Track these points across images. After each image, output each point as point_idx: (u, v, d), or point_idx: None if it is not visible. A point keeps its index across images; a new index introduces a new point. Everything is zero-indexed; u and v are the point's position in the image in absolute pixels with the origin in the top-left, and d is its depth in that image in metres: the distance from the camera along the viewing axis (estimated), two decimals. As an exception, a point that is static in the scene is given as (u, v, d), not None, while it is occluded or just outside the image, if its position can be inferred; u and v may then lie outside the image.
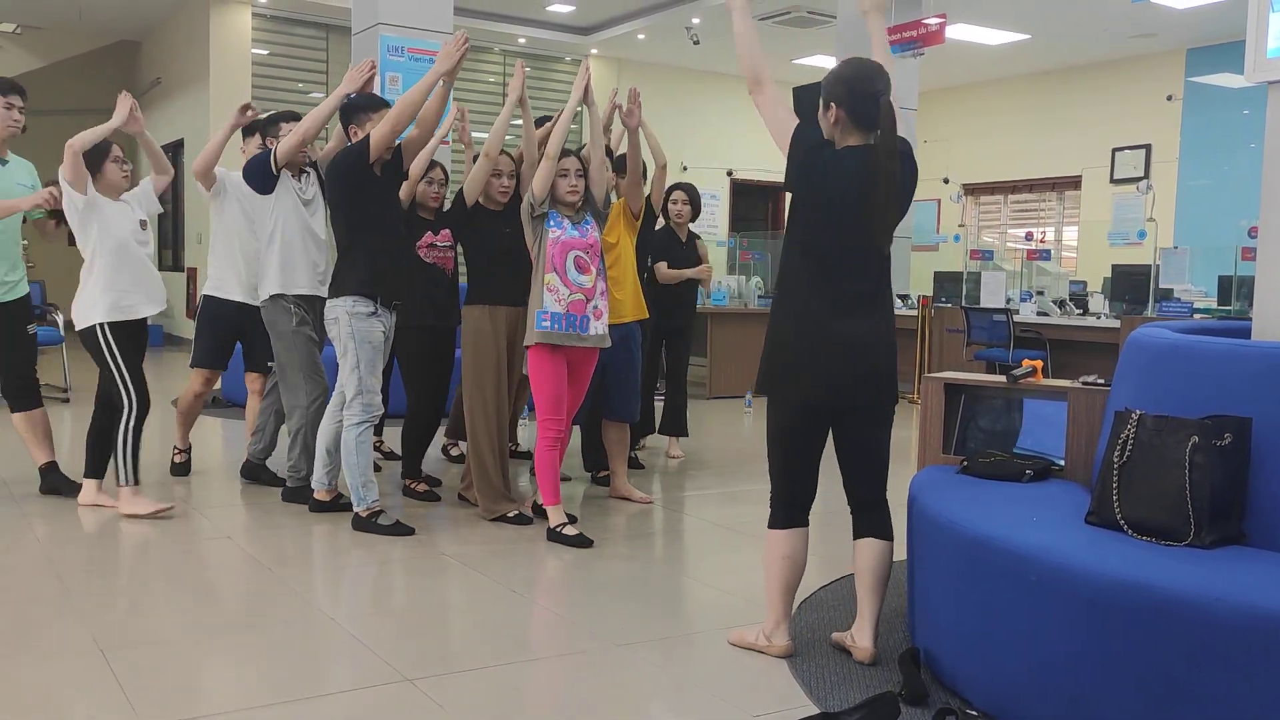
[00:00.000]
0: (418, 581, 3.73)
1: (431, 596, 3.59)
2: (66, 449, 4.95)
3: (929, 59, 9.33)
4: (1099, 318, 8.69)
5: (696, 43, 11.93)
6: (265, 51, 11.73)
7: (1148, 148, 12.14)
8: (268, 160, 4.56)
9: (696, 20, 11.40)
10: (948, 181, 13.93)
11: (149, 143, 4.66)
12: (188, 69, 12.22)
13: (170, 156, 12.55)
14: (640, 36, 12.41)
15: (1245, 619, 2.06)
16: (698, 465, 6.10)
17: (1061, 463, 3.25)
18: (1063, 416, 3.25)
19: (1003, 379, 3.46)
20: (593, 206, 4.32)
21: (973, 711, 2.58)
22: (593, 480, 5.42)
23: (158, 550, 4.01)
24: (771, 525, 3.04)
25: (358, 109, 4.33)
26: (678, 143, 13.93)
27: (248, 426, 5.34)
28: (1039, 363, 3.48)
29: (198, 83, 11.83)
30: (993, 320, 8.48)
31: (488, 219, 4.57)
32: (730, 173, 14.51)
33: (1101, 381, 3.24)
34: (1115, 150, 12.45)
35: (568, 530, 4.19)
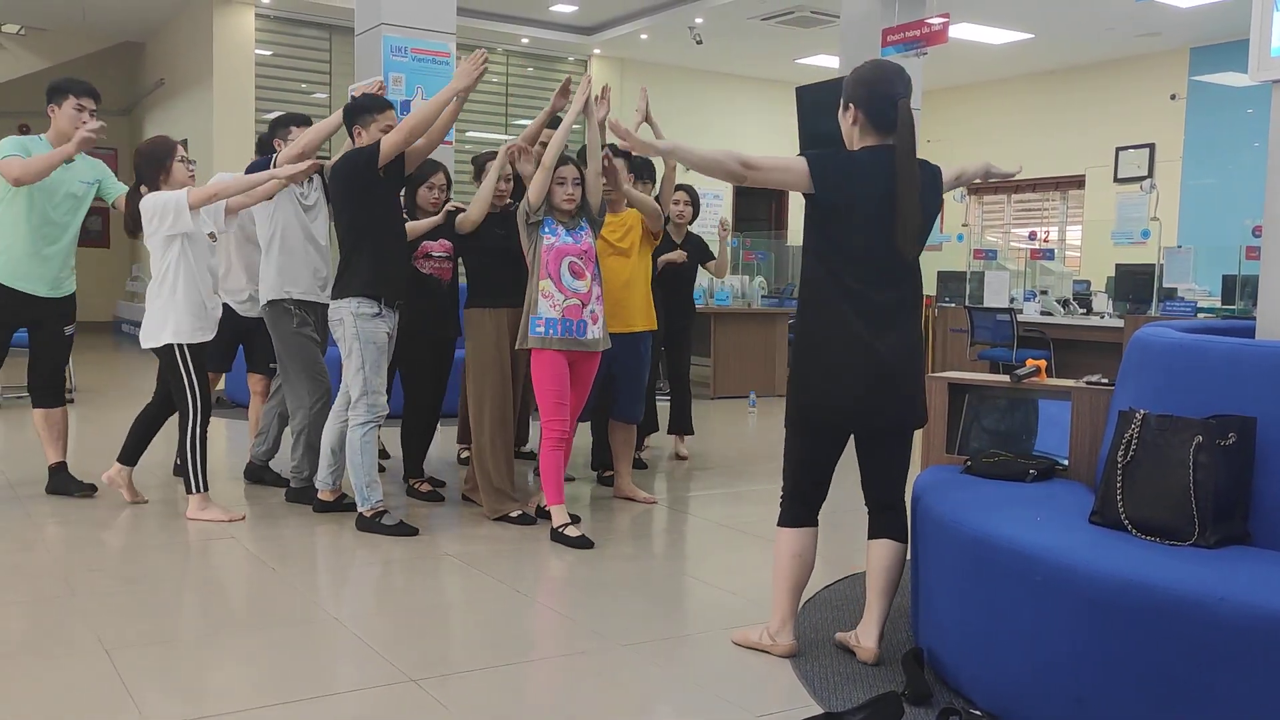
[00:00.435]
0: (422, 581, 3.74)
1: (435, 596, 3.60)
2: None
3: (932, 59, 9.32)
4: (1103, 317, 8.68)
5: (699, 42, 11.93)
6: (269, 52, 11.75)
7: (1151, 147, 12.12)
8: (267, 166, 4.57)
9: (699, 20, 11.39)
10: (951, 181, 13.90)
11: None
12: (191, 70, 12.23)
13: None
14: (643, 36, 12.41)
15: (1249, 619, 2.06)
16: (701, 465, 6.11)
17: (1065, 462, 3.24)
18: (1066, 416, 3.25)
19: (1006, 379, 3.45)
20: (588, 213, 4.33)
21: (976, 711, 2.58)
22: (598, 480, 5.43)
23: (163, 551, 4.02)
24: (782, 523, 3.04)
25: (362, 110, 4.33)
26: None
27: (251, 427, 5.35)
28: (1043, 362, 3.48)
29: (201, 84, 11.84)
30: (996, 320, 8.48)
31: (485, 222, 4.57)
32: (733, 173, 14.47)
33: (1105, 381, 3.24)
34: (1119, 149, 12.43)
35: (570, 531, 4.19)
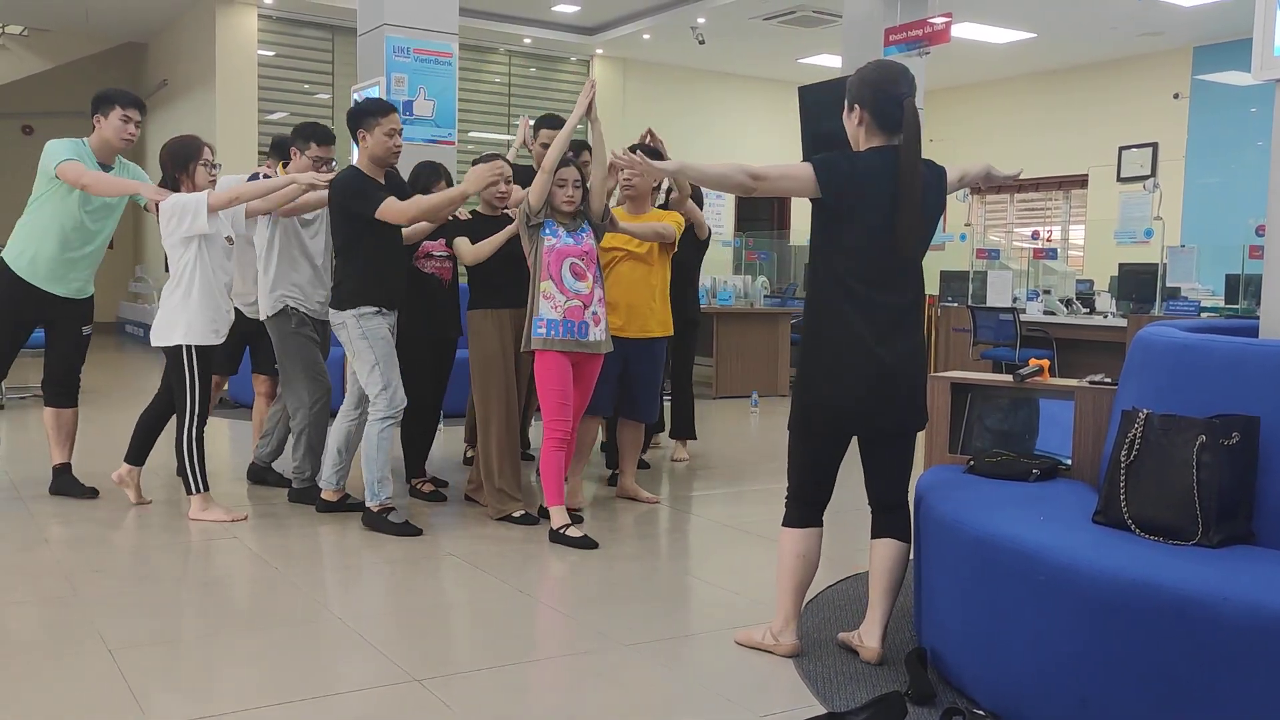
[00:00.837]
0: (425, 582, 3.74)
1: (439, 597, 3.60)
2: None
3: (935, 58, 9.31)
4: (1106, 317, 8.67)
5: (702, 42, 11.92)
6: (271, 53, 11.76)
7: (1154, 146, 12.11)
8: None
9: (702, 20, 11.39)
10: (954, 180, 13.89)
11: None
12: (194, 71, 12.25)
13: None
14: (645, 36, 12.41)
15: (1253, 618, 2.06)
16: (704, 465, 6.10)
17: (1068, 462, 3.24)
18: (1069, 416, 3.25)
19: (1009, 378, 3.45)
20: (589, 216, 4.33)
21: (980, 711, 2.58)
22: (610, 479, 5.41)
23: (166, 551, 4.03)
24: (787, 524, 3.04)
25: (365, 114, 4.31)
26: (683, 143, 13.91)
27: (254, 428, 5.35)
28: (1046, 362, 3.48)
29: (204, 84, 11.86)
30: (999, 319, 8.47)
31: (486, 225, 4.57)
32: (736, 172, 14.47)
33: (1108, 381, 3.24)
34: (1122, 149, 12.42)
35: (571, 532, 4.20)
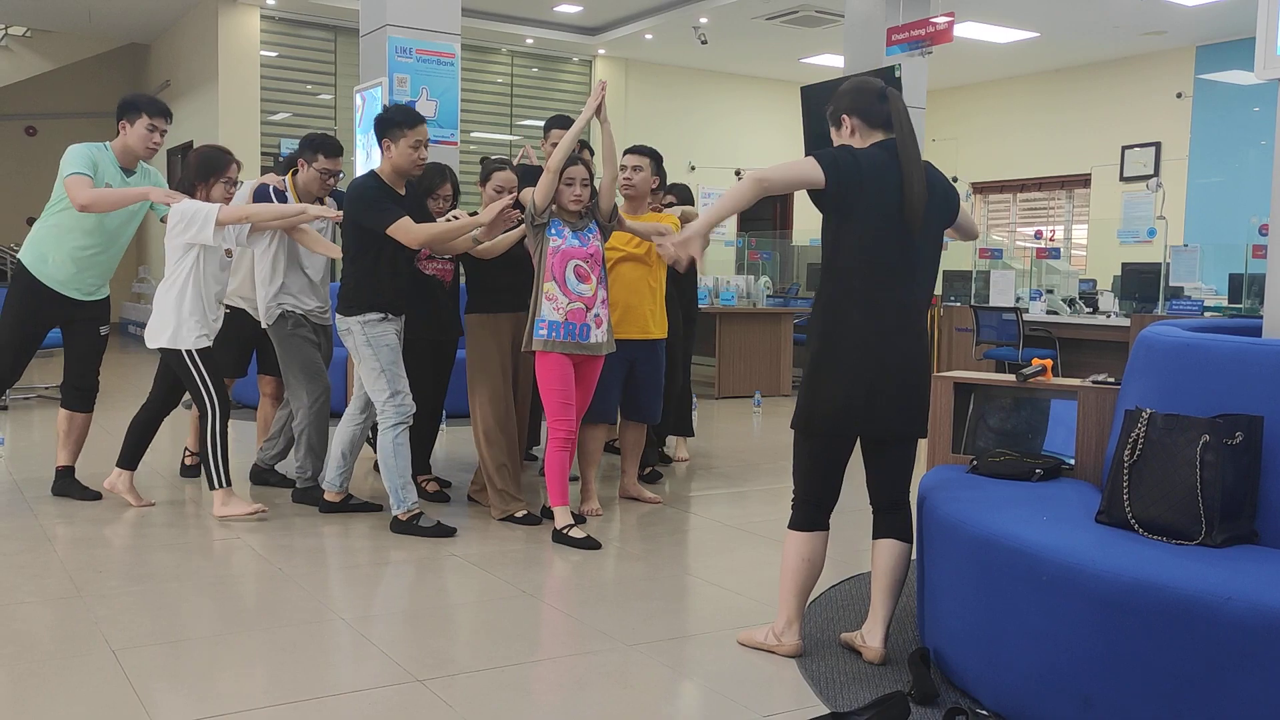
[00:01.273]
0: (427, 582, 3.74)
1: (441, 597, 3.60)
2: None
3: (937, 58, 9.31)
4: (1109, 316, 8.66)
5: (704, 42, 11.93)
6: (274, 54, 11.77)
7: (1157, 145, 12.10)
8: (268, 192, 4.67)
9: (704, 20, 11.39)
10: (956, 180, 13.91)
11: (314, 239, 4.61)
12: (197, 71, 12.26)
13: (179, 159, 12.62)
14: (648, 36, 12.42)
15: (1257, 618, 2.06)
16: (707, 465, 6.10)
17: (1071, 462, 3.24)
18: (1073, 415, 3.24)
19: (1012, 378, 3.45)
20: (597, 215, 4.33)
21: (983, 711, 2.58)
22: (641, 478, 5.41)
23: (169, 551, 4.03)
24: (793, 526, 3.03)
25: (393, 124, 4.24)
26: (685, 143, 13.94)
27: (259, 429, 5.36)
28: (1049, 361, 3.48)
29: (206, 85, 11.87)
30: (1002, 319, 8.46)
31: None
32: (738, 172, 14.50)
33: (1111, 380, 3.24)
34: (1125, 148, 12.41)
35: (574, 532, 4.20)
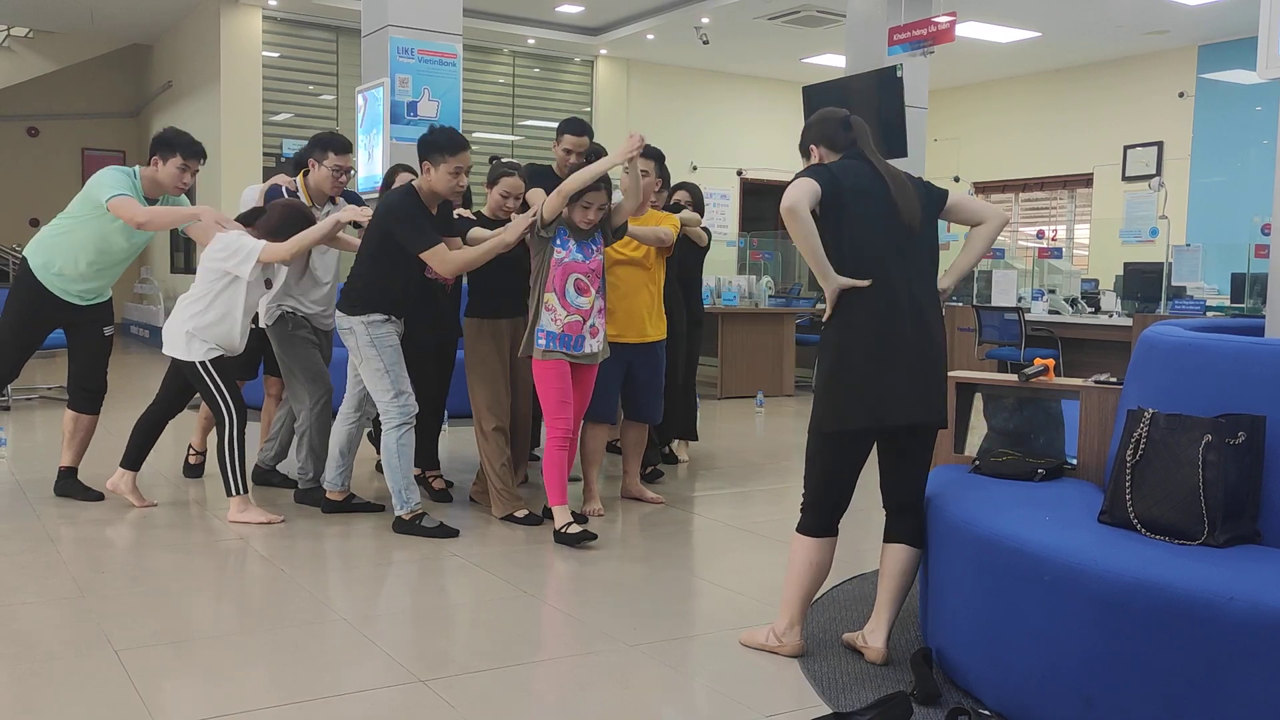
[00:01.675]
0: (429, 582, 3.74)
1: (444, 597, 3.60)
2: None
3: (939, 57, 9.31)
4: (1111, 316, 8.65)
5: (706, 42, 11.92)
6: (276, 54, 11.77)
7: (1160, 145, 12.09)
8: (279, 193, 4.70)
9: (705, 20, 11.38)
10: (958, 180, 13.89)
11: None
12: (199, 72, 12.27)
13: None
14: (649, 36, 12.41)
15: (1259, 618, 2.05)
16: (709, 466, 6.10)
17: (1074, 462, 3.24)
18: (1075, 415, 3.24)
19: (1015, 378, 3.45)
20: (605, 228, 4.33)
21: (985, 712, 2.58)
22: (649, 471, 5.46)
23: (171, 552, 4.03)
24: (802, 530, 3.02)
25: (437, 148, 4.19)
26: (687, 143, 13.93)
27: (262, 430, 5.36)
28: (1051, 361, 3.47)
29: (209, 86, 11.88)
30: (1004, 319, 8.45)
31: (491, 227, 4.56)
32: (740, 172, 14.50)
33: (1114, 380, 3.23)
34: (1127, 148, 12.40)
35: (572, 529, 4.20)
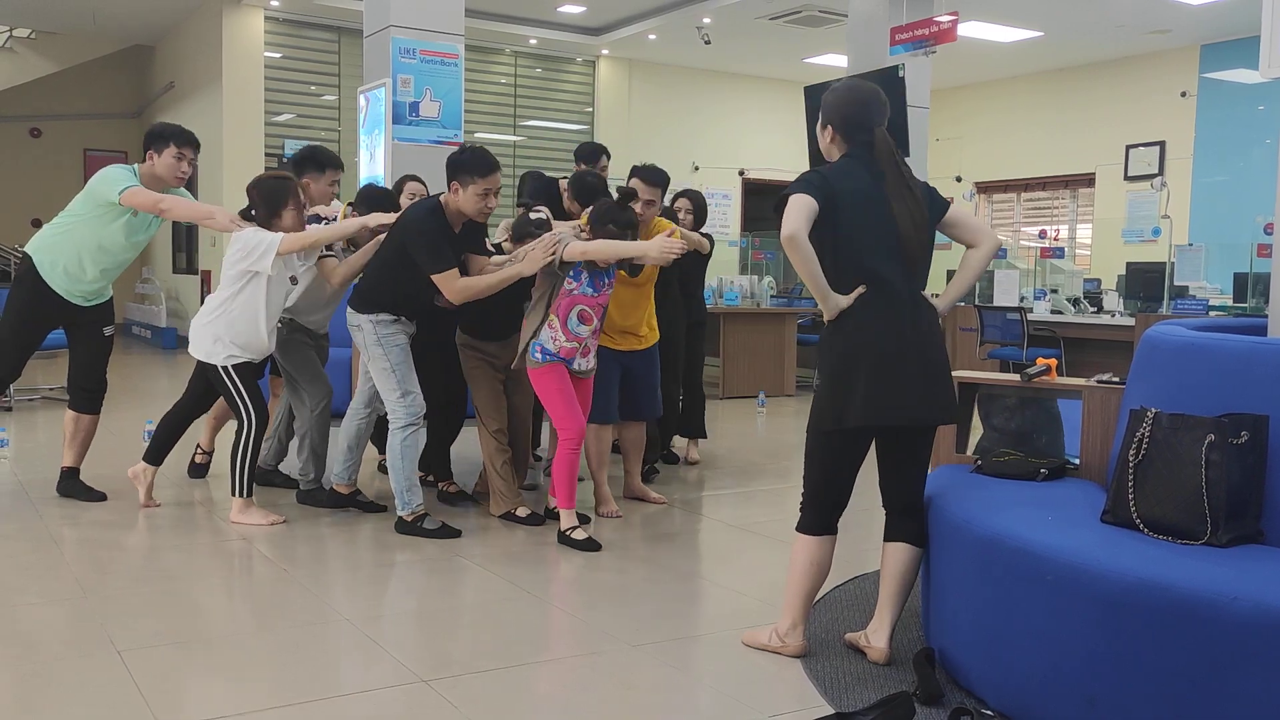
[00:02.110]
0: (432, 583, 3.74)
1: (446, 598, 3.60)
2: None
3: (941, 57, 9.30)
4: (1113, 316, 8.64)
5: (708, 42, 11.92)
6: (278, 55, 11.78)
7: (1162, 144, 12.08)
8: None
9: (707, 20, 11.39)
10: (960, 179, 13.89)
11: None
12: (201, 73, 12.28)
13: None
14: (651, 37, 12.41)
15: (1262, 617, 2.05)
16: (711, 466, 6.10)
17: (1076, 461, 3.23)
18: (1077, 415, 3.24)
19: (1017, 378, 3.45)
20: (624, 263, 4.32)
21: (988, 711, 2.57)
22: (651, 468, 5.49)
23: (174, 552, 4.04)
24: (802, 529, 3.02)
25: (465, 169, 4.15)
26: (689, 143, 13.94)
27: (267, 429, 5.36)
28: (1053, 361, 3.47)
29: (211, 86, 11.89)
30: (1006, 319, 8.44)
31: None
32: (742, 172, 14.50)
33: (1116, 380, 3.23)
34: (1129, 147, 12.39)
35: (577, 534, 4.20)
